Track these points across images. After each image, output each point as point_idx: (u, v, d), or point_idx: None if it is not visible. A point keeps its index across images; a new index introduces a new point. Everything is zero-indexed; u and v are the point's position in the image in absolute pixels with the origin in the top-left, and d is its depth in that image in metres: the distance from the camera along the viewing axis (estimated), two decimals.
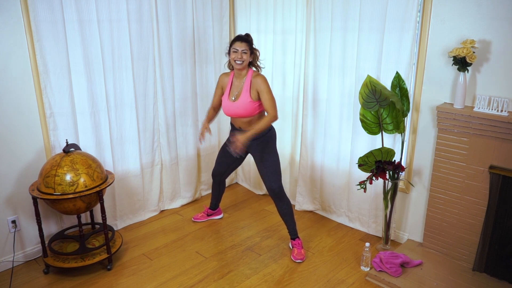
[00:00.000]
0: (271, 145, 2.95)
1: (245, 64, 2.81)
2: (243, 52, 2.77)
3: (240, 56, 2.78)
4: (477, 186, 2.61)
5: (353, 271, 2.80)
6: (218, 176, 3.29)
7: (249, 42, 2.81)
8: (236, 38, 2.82)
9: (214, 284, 2.67)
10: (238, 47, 2.78)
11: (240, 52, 2.77)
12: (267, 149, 2.93)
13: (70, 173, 2.53)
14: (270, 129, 2.96)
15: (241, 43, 2.78)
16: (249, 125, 2.89)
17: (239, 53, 2.77)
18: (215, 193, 3.42)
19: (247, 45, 2.78)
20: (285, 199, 2.91)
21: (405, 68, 2.81)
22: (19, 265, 2.87)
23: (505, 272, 2.57)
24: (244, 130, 2.91)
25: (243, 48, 2.77)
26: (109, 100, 3.09)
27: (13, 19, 2.58)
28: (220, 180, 3.33)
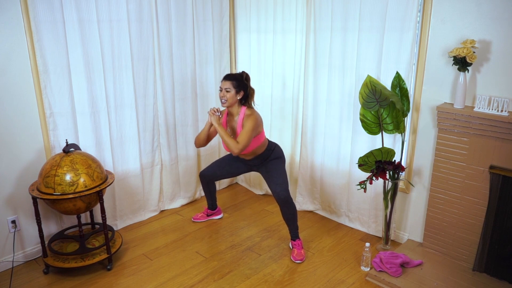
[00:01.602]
0: (278, 160, 3.00)
1: (230, 102, 2.81)
2: (226, 90, 2.78)
3: (222, 95, 2.79)
4: (477, 186, 2.61)
5: (353, 271, 2.80)
6: (208, 177, 3.28)
7: (236, 80, 2.79)
8: (224, 76, 2.85)
9: (214, 284, 2.67)
10: (221, 85, 2.81)
11: (223, 90, 2.79)
12: (273, 163, 2.98)
13: (70, 173, 2.53)
14: (273, 149, 3.01)
15: (225, 82, 2.79)
16: (253, 155, 2.97)
17: (222, 92, 2.80)
18: (207, 193, 3.42)
19: (231, 84, 2.77)
20: (291, 205, 2.89)
21: (405, 68, 2.81)
22: (19, 265, 2.86)
23: (505, 272, 2.57)
24: (247, 159, 3.03)
25: (227, 86, 2.78)
26: (109, 100, 3.09)
27: (13, 19, 2.57)
28: (208, 181, 3.33)
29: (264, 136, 2.94)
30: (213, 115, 2.81)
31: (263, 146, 2.96)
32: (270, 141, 3.06)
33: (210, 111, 2.84)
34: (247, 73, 2.89)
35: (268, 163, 2.99)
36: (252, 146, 2.84)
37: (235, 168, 3.18)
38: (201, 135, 3.01)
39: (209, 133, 3.01)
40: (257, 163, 3.04)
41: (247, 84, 2.85)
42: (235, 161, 3.15)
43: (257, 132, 2.81)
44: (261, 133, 2.88)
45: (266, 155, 2.99)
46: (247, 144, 2.73)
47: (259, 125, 2.84)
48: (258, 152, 2.96)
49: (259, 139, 2.87)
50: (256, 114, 2.83)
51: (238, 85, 2.80)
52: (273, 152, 3.00)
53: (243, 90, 2.82)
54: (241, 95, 2.83)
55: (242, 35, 3.88)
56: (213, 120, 2.80)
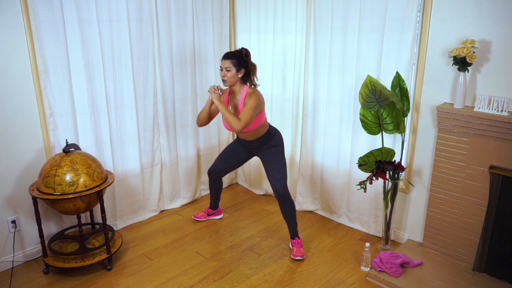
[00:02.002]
0: (278, 148, 2.98)
1: (231, 81, 2.78)
2: (226, 69, 2.75)
3: (223, 74, 2.77)
4: (477, 186, 2.61)
5: (353, 271, 2.80)
6: (215, 173, 3.28)
7: (236, 58, 2.76)
8: (223, 55, 2.81)
9: (214, 284, 2.67)
10: (221, 64, 2.78)
11: (223, 70, 2.77)
12: (273, 152, 2.96)
13: (70, 173, 2.53)
14: (274, 134, 2.99)
15: (224, 61, 2.77)
16: (253, 136, 2.94)
17: (222, 71, 2.77)
18: (213, 191, 3.42)
19: (231, 62, 2.74)
20: (289, 200, 2.90)
21: (405, 68, 2.81)
22: (19, 265, 2.86)
23: (505, 272, 2.57)
24: (248, 140, 3.00)
25: (226, 65, 2.75)
26: (109, 100, 3.09)
27: (13, 19, 2.57)
28: (216, 178, 3.32)
29: (265, 116, 2.91)
30: (213, 93, 2.77)
31: (264, 127, 2.93)
32: (271, 125, 3.04)
33: (210, 89, 2.80)
34: (246, 49, 2.83)
35: (268, 150, 2.96)
36: (253, 125, 2.81)
37: (236, 157, 3.16)
38: (202, 114, 2.95)
39: (210, 112, 2.95)
40: (257, 145, 2.99)
41: (248, 60, 2.80)
42: (235, 148, 3.14)
43: (259, 110, 2.78)
44: (262, 112, 2.85)
45: (267, 139, 2.95)
46: (249, 121, 2.70)
47: (261, 104, 2.81)
48: (259, 134, 2.93)
49: (260, 118, 2.84)
50: (258, 93, 2.80)
51: (238, 63, 2.75)
52: (273, 137, 2.97)
53: (243, 68, 2.78)
54: (242, 72, 2.79)
55: (242, 35, 3.88)
56: (213, 97, 2.76)
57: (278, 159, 2.95)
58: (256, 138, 2.96)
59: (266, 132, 2.95)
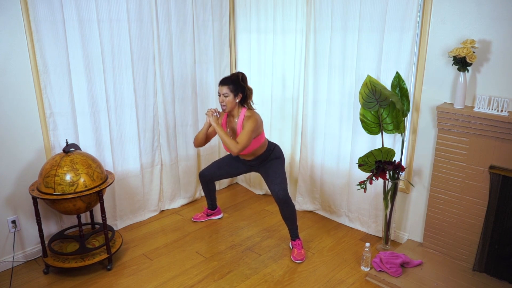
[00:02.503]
0: (278, 161, 3.01)
1: (230, 107, 2.82)
2: (224, 95, 2.79)
3: (222, 100, 2.81)
4: (477, 186, 2.61)
5: (353, 271, 2.80)
6: (208, 177, 3.28)
7: (233, 84, 2.78)
8: (220, 81, 2.84)
9: (214, 284, 2.67)
10: (219, 90, 2.81)
11: (222, 96, 2.80)
12: (273, 163, 2.98)
13: (70, 173, 2.53)
14: (273, 150, 3.01)
15: (222, 86, 2.80)
16: (252, 156, 2.98)
17: (221, 97, 2.81)
18: (206, 193, 3.42)
19: (228, 88, 2.77)
20: (290, 205, 2.89)
21: (405, 68, 2.81)
22: (19, 265, 2.86)
23: (505, 272, 2.57)
24: (247, 159, 3.03)
25: (224, 91, 2.78)
26: (109, 100, 3.09)
27: (13, 19, 2.57)
28: (208, 181, 3.33)
29: (264, 137, 2.95)
30: (211, 116, 2.82)
31: (263, 147, 2.96)
32: (269, 141, 3.07)
33: (208, 111, 2.84)
34: (242, 73, 2.88)
35: (267, 163, 3.00)
36: (252, 147, 2.85)
37: (234, 168, 3.19)
38: (199, 135, 3.00)
39: (208, 134, 3.00)
40: (256, 163, 3.04)
41: (244, 85, 2.85)
42: (234, 161, 3.15)
43: (257, 133, 2.82)
44: (261, 134, 2.89)
45: (266, 156, 3.00)
46: (247, 145, 2.73)
47: (259, 127, 2.84)
48: (258, 153, 2.97)
49: (259, 140, 2.88)
50: (256, 116, 2.83)
51: (235, 88, 2.79)
52: (272, 153, 3.01)
53: (241, 92, 2.82)
54: (240, 97, 2.83)
55: (242, 35, 3.88)
56: (211, 120, 2.81)
57: (277, 168, 2.97)
58: (255, 157, 3.00)
59: (265, 150, 2.99)
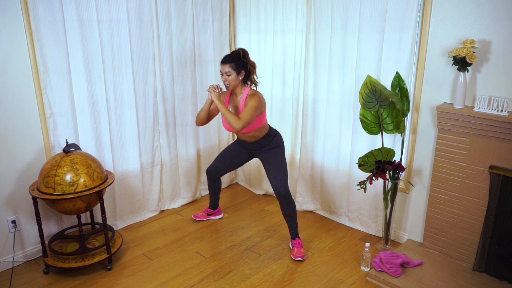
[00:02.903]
0: (278, 149, 2.98)
1: (233, 85, 2.79)
2: (226, 74, 2.76)
3: (225, 79, 2.78)
4: (477, 186, 2.61)
5: (353, 271, 2.80)
6: (214, 173, 3.28)
7: (235, 61, 2.75)
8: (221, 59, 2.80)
9: (214, 284, 2.67)
10: (221, 69, 2.78)
11: (224, 75, 2.77)
12: (274, 153, 2.96)
13: (70, 173, 2.53)
14: (274, 136, 2.99)
15: (223, 65, 2.77)
16: (253, 138, 2.95)
17: (223, 76, 2.78)
18: (212, 190, 3.42)
19: (231, 66, 2.74)
20: (290, 201, 2.90)
21: (405, 68, 2.81)
22: (19, 265, 2.86)
23: (505, 272, 2.57)
24: (248, 142, 3.00)
25: (226, 70, 2.75)
26: (109, 100, 3.09)
27: (13, 19, 2.57)
28: (215, 177, 3.32)
29: (265, 118, 2.92)
30: (213, 92, 2.77)
31: (265, 128, 2.93)
32: (271, 126, 3.04)
33: (210, 88, 2.79)
34: (243, 49, 2.82)
35: (268, 151, 2.97)
36: (253, 126, 2.81)
37: (236, 158, 3.17)
38: (201, 113, 2.94)
39: (210, 111, 2.94)
40: (257, 147, 3.00)
41: (246, 61, 2.80)
42: (236, 148, 3.14)
43: (260, 111, 2.78)
44: (263, 114, 2.85)
45: (267, 140, 2.96)
46: (249, 121, 2.69)
47: (262, 105, 2.81)
48: (259, 136, 2.93)
49: (261, 119, 2.84)
50: (259, 94, 2.80)
51: (237, 66, 2.75)
52: (274, 139, 2.97)
53: (243, 70, 2.78)
54: (243, 74, 2.79)
55: (242, 35, 3.88)
56: (213, 96, 2.76)
57: (279, 159, 2.95)
58: (256, 139, 2.96)
59: (266, 133, 2.95)
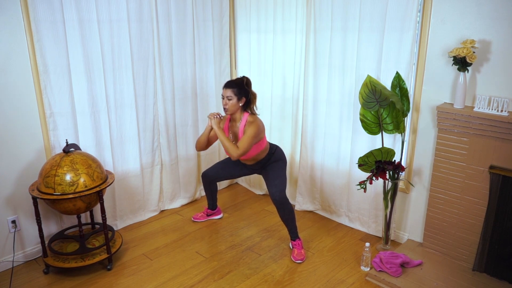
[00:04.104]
0: (279, 163, 3.01)
1: (232, 110, 2.82)
2: (227, 98, 2.79)
3: (225, 103, 2.81)
4: (477, 186, 2.61)
5: (353, 271, 2.80)
6: (212, 178, 3.29)
7: (238, 87, 2.79)
8: (224, 84, 2.84)
9: (214, 284, 2.67)
10: (223, 93, 2.82)
11: (225, 98, 2.80)
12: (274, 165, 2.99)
13: (70, 173, 2.53)
14: (274, 152, 3.01)
15: (226, 89, 2.80)
16: (254, 161, 2.98)
17: (224, 100, 2.81)
18: (208, 193, 3.43)
19: (232, 91, 2.78)
20: (287, 207, 2.89)
21: (405, 68, 2.81)
22: (19, 265, 2.87)
23: (505, 272, 2.57)
24: (248, 164, 3.04)
25: (228, 94, 2.79)
26: (109, 100, 3.09)
27: (13, 19, 2.57)
28: (211, 181, 3.33)
29: (265, 142, 2.95)
30: (213, 119, 2.81)
31: (265, 151, 2.97)
32: (271, 144, 3.07)
33: (210, 115, 2.84)
34: (247, 77, 2.88)
35: (268, 166, 3.01)
36: (252, 152, 2.85)
37: (237, 170, 3.20)
38: (201, 138, 3.00)
39: (210, 137, 2.99)
40: (258, 167, 3.05)
41: (248, 89, 2.85)
42: (237, 164, 3.16)
43: (258, 138, 2.82)
44: (262, 140, 2.89)
45: (267, 159, 3.01)
46: (246, 150, 2.74)
47: (261, 132, 2.84)
48: (259, 158, 2.97)
49: (260, 145, 2.88)
50: (258, 121, 2.83)
51: (239, 92, 2.80)
52: (273, 155, 3.01)
53: (244, 97, 2.82)
54: (243, 101, 2.83)
55: (242, 35, 3.88)
56: (213, 123, 2.80)
57: (278, 169, 2.97)
58: (256, 161, 3.00)
59: (266, 154, 2.99)
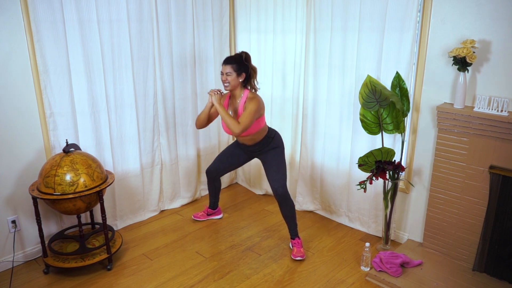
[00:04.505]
0: (278, 150, 2.99)
1: (232, 86, 2.80)
2: (227, 74, 2.78)
3: (224, 79, 2.80)
4: (477, 186, 2.61)
5: (353, 271, 2.80)
6: (214, 173, 3.28)
7: (237, 63, 2.77)
8: (223, 60, 2.83)
9: (214, 284, 2.67)
10: (222, 69, 2.80)
11: (224, 74, 2.79)
12: (273, 154, 2.97)
13: (70, 173, 2.53)
14: (273, 137, 3.00)
15: (225, 66, 2.79)
16: (253, 141, 2.96)
17: (223, 76, 2.80)
18: (212, 190, 3.42)
19: (232, 67, 2.76)
20: (289, 201, 2.90)
21: (405, 68, 2.81)
22: (19, 265, 2.87)
23: (505, 272, 2.57)
24: (248, 145, 3.01)
25: (227, 70, 2.77)
26: (109, 100, 3.09)
27: (13, 19, 2.57)
28: (214, 177, 3.33)
29: (264, 121, 2.92)
30: (214, 95, 2.79)
31: (263, 131, 2.94)
32: (270, 128, 3.04)
33: (210, 91, 2.82)
34: (246, 52, 2.84)
35: (268, 152, 2.98)
36: (252, 129, 2.82)
37: (236, 159, 3.18)
38: (201, 116, 2.96)
39: (210, 114, 2.96)
40: (257, 149, 3.01)
41: (248, 64, 2.82)
42: (235, 150, 3.15)
43: (259, 114, 2.80)
44: (262, 117, 2.86)
45: (266, 142, 2.97)
46: (248, 125, 2.71)
47: (261, 108, 2.82)
48: (258, 138, 2.94)
49: (260, 123, 2.85)
50: (258, 98, 2.82)
51: (238, 67, 2.77)
52: (273, 140, 2.99)
53: (244, 72, 2.80)
54: (243, 77, 2.81)
55: (242, 35, 3.88)
56: (213, 100, 2.78)
57: (278, 160, 2.95)
58: (255, 142, 2.97)
59: (265, 136, 2.97)
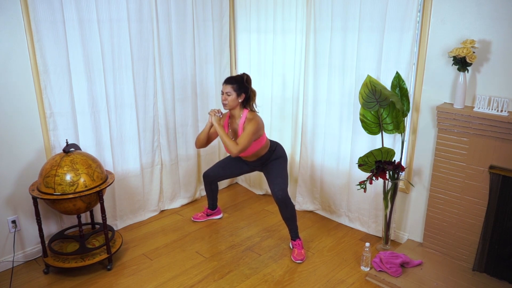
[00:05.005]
0: (280, 160, 3.02)
1: (231, 105, 2.83)
2: (227, 94, 2.80)
3: (224, 98, 2.82)
4: (477, 186, 2.61)
5: (353, 271, 2.80)
6: (212, 178, 3.29)
7: (237, 83, 2.80)
8: (224, 80, 2.85)
9: (214, 284, 2.67)
10: (223, 89, 2.83)
11: (224, 94, 2.81)
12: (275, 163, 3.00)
13: (70, 173, 2.53)
14: (275, 149, 3.02)
15: (225, 85, 2.82)
16: (254, 157, 2.99)
17: (223, 95, 2.82)
18: (209, 193, 3.43)
19: (232, 87, 2.79)
20: (289, 205, 2.90)
21: (405, 68, 2.81)
22: (19, 265, 2.87)
23: (505, 272, 2.57)
24: (249, 160, 3.05)
25: (227, 90, 2.80)
26: (109, 100, 3.09)
27: (13, 19, 2.57)
28: (211, 181, 3.34)
29: (265, 139, 2.95)
30: (213, 116, 2.83)
31: (265, 148, 2.97)
32: (271, 141, 3.08)
33: (210, 111, 2.85)
34: (248, 75, 2.88)
35: (269, 163, 3.01)
36: (252, 148, 2.85)
37: (238, 169, 3.20)
38: (201, 135, 3.01)
39: (210, 134, 3.00)
40: (259, 164, 3.05)
41: (248, 86, 2.86)
42: (238, 161, 3.16)
43: (258, 135, 2.82)
44: (262, 136, 2.89)
45: (268, 156, 3.01)
46: (246, 146, 2.74)
47: (260, 129, 2.84)
48: (260, 154, 2.98)
49: (260, 142, 2.88)
50: (257, 118, 2.84)
51: (239, 88, 2.80)
52: (274, 153, 3.02)
53: (244, 93, 2.83)
54: (242, 98, 2.84)
55: (242, 35, 3.88)
56: (213, 120, 2.81)
57: (279, 168, 2.98)
58: (257, 158, 3.01)
59: (267, 151, 3.00)
